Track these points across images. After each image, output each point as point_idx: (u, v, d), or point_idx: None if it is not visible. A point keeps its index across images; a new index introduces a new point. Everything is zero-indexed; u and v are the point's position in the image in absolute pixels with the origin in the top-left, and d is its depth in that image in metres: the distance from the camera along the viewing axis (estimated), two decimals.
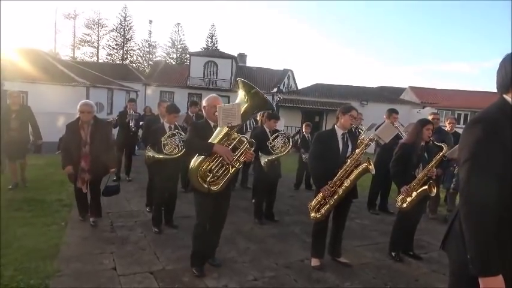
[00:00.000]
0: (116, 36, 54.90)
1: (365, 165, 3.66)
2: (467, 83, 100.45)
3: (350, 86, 29.59)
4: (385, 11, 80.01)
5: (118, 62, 50.18)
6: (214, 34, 56.54)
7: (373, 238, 5.00)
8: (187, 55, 44.24)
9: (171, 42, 58.15)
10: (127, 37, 55.35)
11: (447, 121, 6.49)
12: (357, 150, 3.73)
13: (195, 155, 3.26)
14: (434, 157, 4.13)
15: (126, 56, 55.69)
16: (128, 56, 56.28)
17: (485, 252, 1.49)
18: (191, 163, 3.25)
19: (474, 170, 1.54)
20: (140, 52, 57.91)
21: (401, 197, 4.13)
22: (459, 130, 4.84)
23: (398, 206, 4.20)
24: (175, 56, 58.16)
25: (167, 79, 33.21)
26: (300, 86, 35.20)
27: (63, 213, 5.13)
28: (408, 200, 4.08)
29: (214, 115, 3.33)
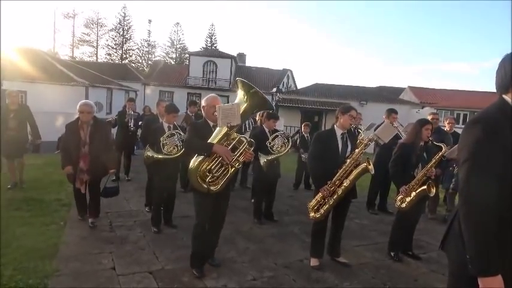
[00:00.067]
0: (115, 35, 55.00)
1: (364, 165, 3.66)
2: (466, 83, 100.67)
3: (349, 86, 29.56)
4: (385, 11, 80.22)
5: (117, 62, 50.17)
6: (213, 34, 56.67)
7: (372, 238, 5.00)
8: (186, 55, 44.22)
9: (171, 41, 58.25)
10: (126, 37, 55.42)
11: (446, 121, 6.49)
12: (356, 150, 3.73)
13: (195, 155, 3.25)
14: (433, 157, 4.13)
15: (125, 56, 55.71)
16: (127, 56, 56.32)
17: (484, 252, 1.49)
18: (191, 163, 3.24)
19: (474, 170, 1.55)
20: (139, 52, 58.04)
21: (400, 197, 4.13)
22: (458, 130, 4.85)
23: (397, 206, 4.20)
24: (174, 56, 58.21)
25: (166, 79, 33.21)
26: (299, 86, 35.23)
27: (62, 212, 5.12)
28: (407, 200, 4.08)
29: (213, 115, 3.33)
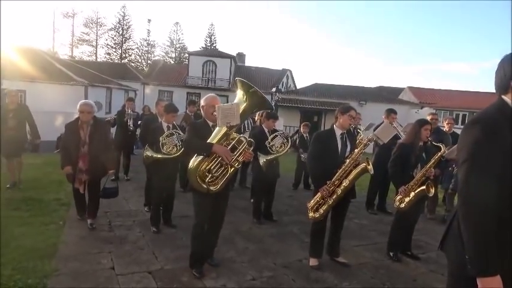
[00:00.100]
0: (115, 35, 54.93)
1: (364, 165, 3.66)
2: (466, 83, 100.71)
3: (349, 86, 29.55)
4: (385, 11, 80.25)
5: (116, 61, 50.12)
6: (213, 33, 56.64)
7: (371, 238, 5.01)
8: (186, 54, 44.22)
9: (170, 41, 58.19)
10: (125, 36, 55.36)
11: (445, 121, 6.50)
12: (356, 150, 3.73)
13: (194, 155, 3.24)
14: (432, 157, 4.13)
15: (124, 55, 55.64)
16: (127, 55, 56.25)
17: (483, 252, 1.49)
18: (190, 163, 3.23)
19: (473, 171, 1.55)
20: (139, 51, 57.97)
21: (399, 197, 4.13)
22: (457, 130, 4.86)
23: (396, 206, 4.20)
24: (174, 55, 58.16)
25: (166, 78, 33.18)
26: (299, 86, 35.20)
27: (61, 212, 5.12)
28: (406, 200, 4.09)
29: (212, 115, 3.32)
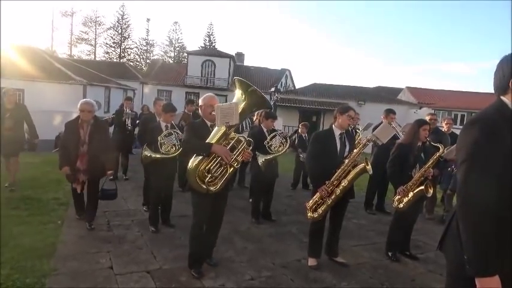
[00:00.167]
0: (114, 34, 54.89)
1: (363, 165, 3.67)
2: (465, 84, 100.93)
3: (348, 86, 29.58)
4: (385, 11, 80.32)
5: (115, 60, 50.07)
6: (212, 33, 56.65)
7: (370, 238, 5.01)
8: (185, 54, 44.21)
9: (169, 40, 58.20)
10: (124, 35, 55.32)
11: (444, 121, 6.50)
12: (355, 150, 3.74)
13: (193, 155, 3.23)
14: (431, 157, 4.13)
15: (123, 54, 55.62)
16: (125, 54, 56.24)
17: (482, 252, 1.49)
18: (189, 163, 3.22)
19: (472, 171, 1.55)
20: (138, 50, 57.94)
21: (398, 197, 4.14)
22: (456, 131, 4.86)
23: (395, 206, 4.20)
24: (172, 55, 58.14)
25: (165, 78, 33.17)
26: (298, 86, 35.23)
27: (59, 211, 5.11)
28: (405, 200, 4.09)
29: (210, 114, 3.32)
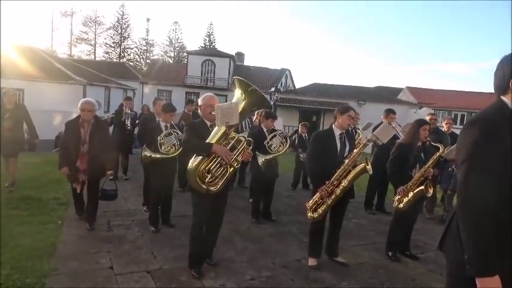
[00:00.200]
0: (113, 34, 54.88)
1: (363, 165, 3.67)
2: (465, 84, 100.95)
3: (348, 86, 29.56)
4: (385, 11, 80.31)
5: (115, 60, 50.09)
6: (212, 33, 56.65)
7: (370, 238, 5.01)
8: (184, 54, 44.19)
9: (169, 40, 58.19)
10: (124, 35, 55.32)
11: (444, 121, 6.49)
12: (355, 150, 3.74)
13: (193, 155, 3.23)
14: (431, 157, 4.13)
15: (123, 54, 55.62)
16: (125, 54, 56.24)
17: (482, 252, 1.49)
18: (189, 164, 3.22)
19: (472, 171, 1.55)
20: (137, 50, 57.93)
21: (398, 197, 4.14)
22: (456, 130, 4.86)
23: (395, 206, 4.20)
24: (172, 55, 58.11)
25: (164, 78, 33.15)
26: (298, 86, 35.21)
27: (59, 211, 5.11)
28: (405, 200, 4.09)
29: (210, 114, 3.31)
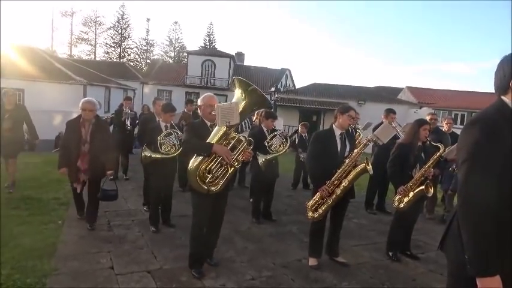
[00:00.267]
0: (114, 34, 54.90)
1: (363, 165, 3.66)
2: (465, 83, 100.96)
3: (348, 86, 29.53)
4: (385, 11, 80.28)
5: (115, 60, 50.07)
6: (212, 33, 56.66)
7: (370, 238, 5.01)
8: (185, 54, 44.19)
9: (169, 40, 58.20)
10: (124, 35, 55.34)
11: (445, 121, 6.49)
12: (355, 150, 3.73)
13: (193, 156, 3.22)
14: (431, 157, 4.13)
15: (123, 54, 55.62)
16: (125, 54, 56.25)
17: (483, 252, 1.49)
18: (190, 164, 3.21)
19: (472, 171, 1.55)
20: (138, 50, 57.96)
21: (398, 197, 4.14)
22: (457, 130, 4.86)
23: (395, 206, 4.20)
24: (172, 55, 58.13)
25: (165, 78, 33.16)
26: (298, 86, 35.18)
27: (60, 211, 5.11)
28: (405, 200, 4.09)
29: (210, 114, 3.31)
